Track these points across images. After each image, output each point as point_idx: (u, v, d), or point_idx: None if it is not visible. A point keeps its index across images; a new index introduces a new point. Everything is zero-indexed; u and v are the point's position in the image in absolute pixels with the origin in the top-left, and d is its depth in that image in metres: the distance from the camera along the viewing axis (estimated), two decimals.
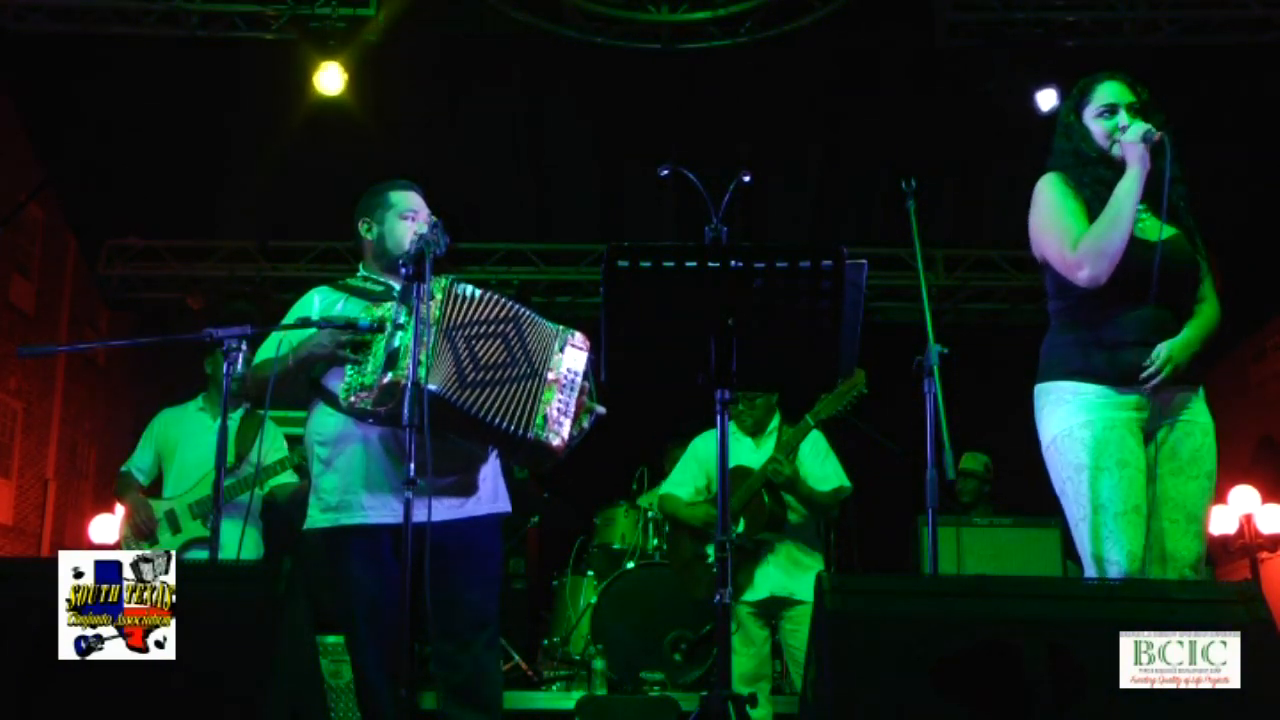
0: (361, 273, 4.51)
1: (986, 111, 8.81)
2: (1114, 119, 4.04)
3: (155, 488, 6.49)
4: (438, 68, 9.56)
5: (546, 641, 7.80)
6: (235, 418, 6.35)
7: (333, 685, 6.29)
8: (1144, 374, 3.84)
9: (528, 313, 4.17)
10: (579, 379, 4.16)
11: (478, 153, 10.14)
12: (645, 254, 3.36)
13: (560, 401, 4.08)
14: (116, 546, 6.31)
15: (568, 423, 4.09)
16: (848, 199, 10.64)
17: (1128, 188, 3.87)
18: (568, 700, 6.72)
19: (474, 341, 4.00)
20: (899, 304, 10.72)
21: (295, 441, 6.23)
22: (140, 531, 6.18)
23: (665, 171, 4.38)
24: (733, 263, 3.38)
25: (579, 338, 4.22)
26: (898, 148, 9.82)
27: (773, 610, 6.07)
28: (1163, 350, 3.85)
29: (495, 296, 4.14)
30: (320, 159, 9.55)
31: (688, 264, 3.37)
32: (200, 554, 5.99)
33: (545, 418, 4.02)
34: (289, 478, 6.32)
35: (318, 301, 4.40)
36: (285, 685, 3.08)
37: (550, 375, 4.08)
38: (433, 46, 9.29)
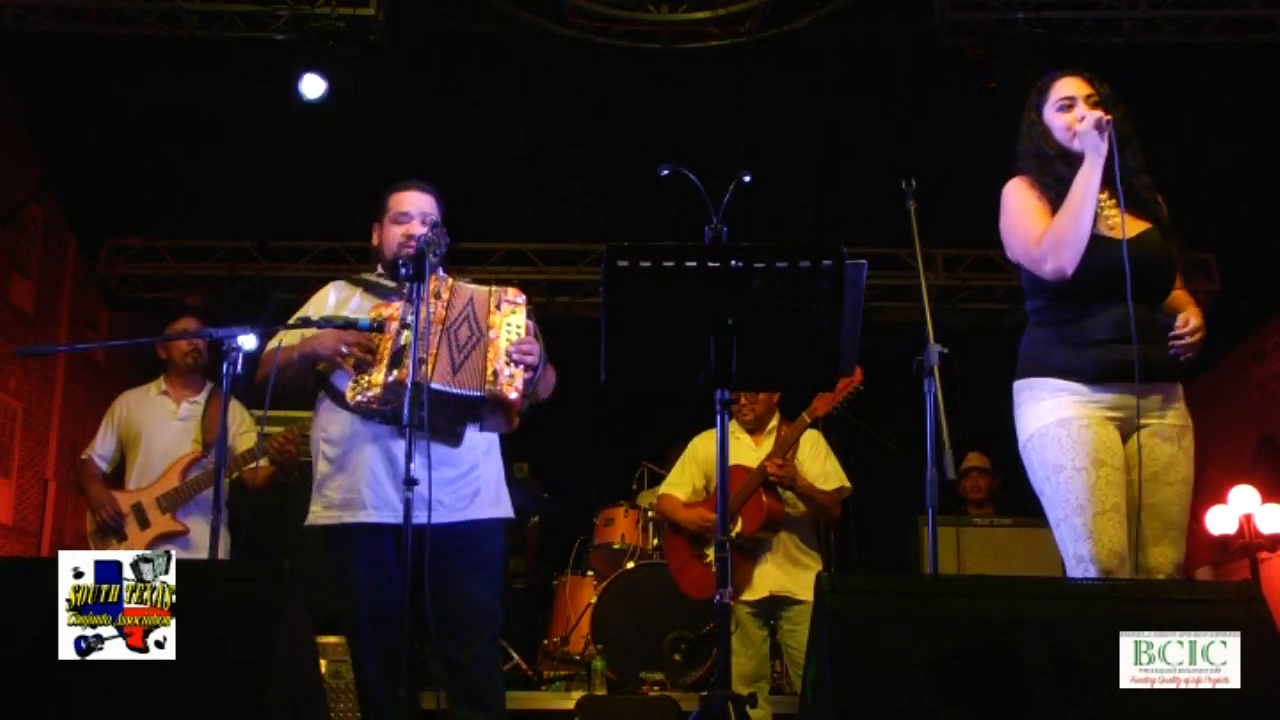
0: (378, 270, 4.57)
1: (987, 111, 8.81)
2: (1072, 112, 4.07)
3: (117, 475, 6.27)
4: (438, 67, 9.56)
5: (546, 641, 7.80)
6: (201, 402, 6.22)
7: (333, 685, 6.29)
8: (1176, 340, 3.89)
9: (471, 286, 4.21)
10: (520, 330, 4.16)
11: (477, 152, 10.14)
12: (645, 254, 3.36)
13: (506, 353, 4.09)
14: (85, 545, 6.07)
15: (519, 374, 4.08)
16: (848, 199, 10.63)
17: (1084, 176, 3.91)
18: (568, 700, 6.72)
19: (456, 330, 4.04)
20: (899, 304, 10.71)
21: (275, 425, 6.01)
22: (108, 526, 5.96)
23: (665, 171, 4.38)
24: (733, 263, 3.38)
25: (512, 293, 4.24)
26: (898, 147, 9.82)
27: (772, 610, 6.07)
28: (1192, 320, 3.92)
29: (470, 288, 4.18)
30: (320, 159, 9.55)
31: (688, 264, 3.38)
32: (168, 547, 5.84)
33: (495, 373, 4.03)
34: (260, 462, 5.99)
35: (333, 296, 4.47)
36: (285, 685, 3.08)
37: (491, 333, 4.09)
38: (433, 46, 9.28)
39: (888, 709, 2.97)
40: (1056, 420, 3.90)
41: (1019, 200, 4.11)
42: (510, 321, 4.13)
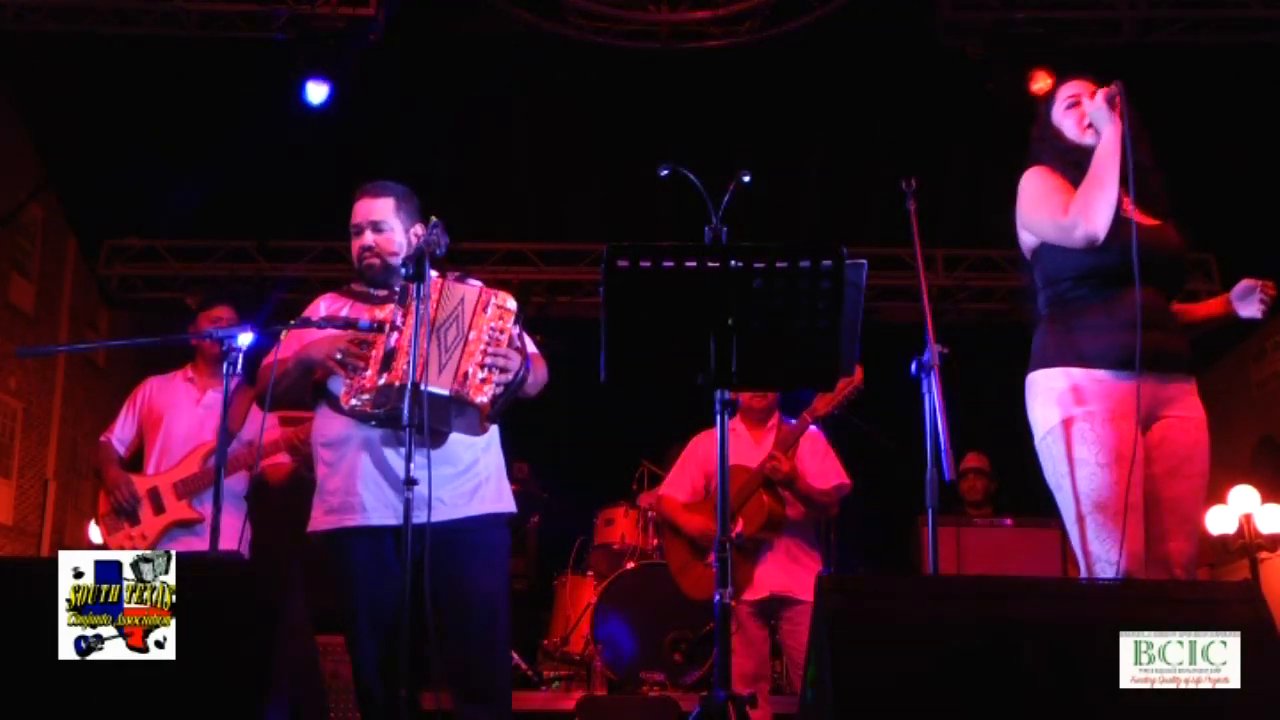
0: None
1: (987, 111, 8.82)
2: (1080, 106, 4.11)
3: (135, 463, 6.12)
4: (438, 67, 9.56)
5: (546, 641, 7.80)
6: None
7: (333, 685, 6.28)
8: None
9: (464, 287, 4.17)
10: (502, 336, 4.11)
11: (478, 152, 10.15)
12: (645, 254, 3.36)
13: (480, 358, 4.02)
14: (100, 545, 5.94)
15: (491, 379, 4.04)
16: (848, 199, 10.64)
17: (1105, 147, 3.92)
18: (568, 700, 6.72)
19: (446, 330, 4.02)
20: (899, 304, 10.72)
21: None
22: (122, 509, 5.83)
23: (665, 171, 4.37)
24: (733, 263, 3.38)
25: (503, 297, 4.18)
26: (898, 147, 9.82)
27: (772, 610, 6.07)
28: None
29: (464, 288, 4.15)
30: (320, 158, 9.56)
31: (688, 264, 3.37)
32: (183, 536, 5.76)
33: (466, 375, 3.99)
34: (282, 458, 5.99)
35: (323, 307, 4.44)
36: (285, 685, 3.08)
37: (472, 335, 4.05)
38: (432, 46, 9.29)
39: (888, 709, 2.97)
40: (1079, 413, 3.84)
41: (1041, 182, 4.08)
42: (494, 325, 4.11)
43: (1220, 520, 9.94)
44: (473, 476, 4.26)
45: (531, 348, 4.36)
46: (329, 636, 6.10)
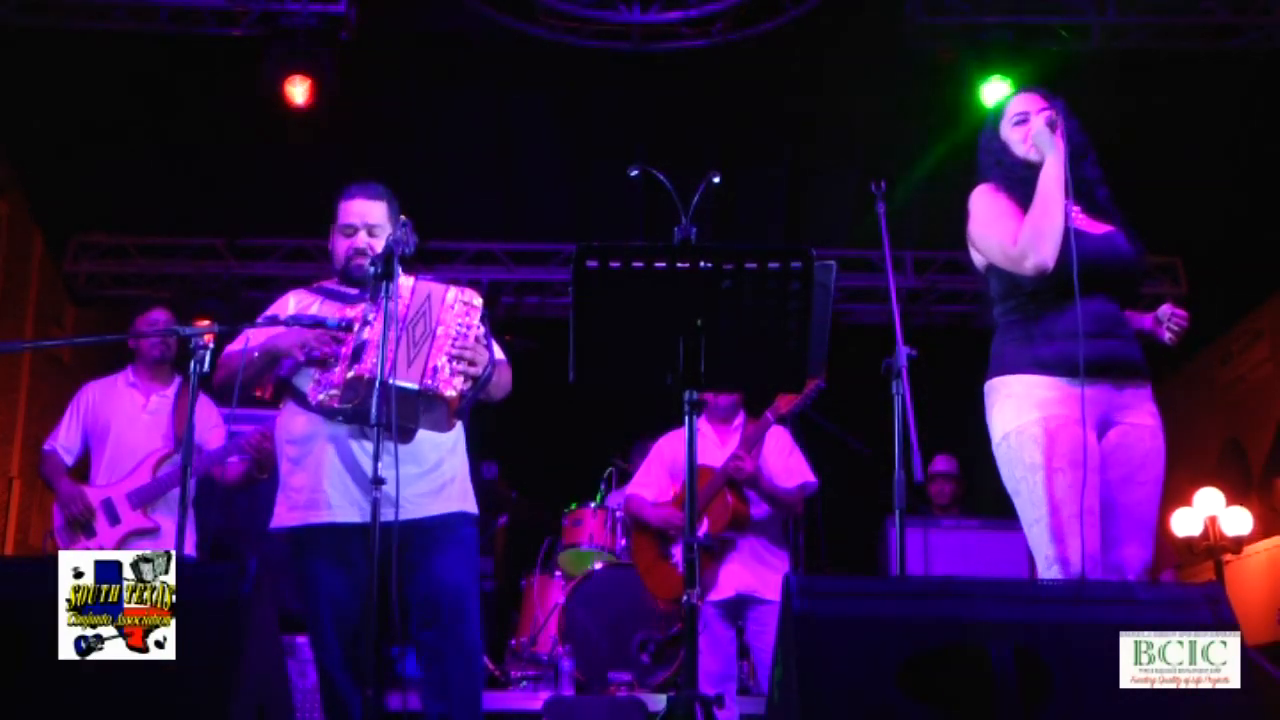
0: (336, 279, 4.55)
1: (956, 114, 8.84)
2: (1027, 125, 4.19)
3: (81, 470, 6.11)
4: (407, 66, 9.53)
5: (514, 642, 7.79)
6: (170, 396, 6.07)
7: (299, 686, 6.25)
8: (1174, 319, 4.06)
9: (431, 284, 4.19)
10: (469, 332, 4.12)
11: (446, 152, 10.11)
12: (614, 254, 3.36)
13: (448, 352, 4.04)
14: (48, 548, 5.86)
15: (459, 373, 4.05)
16: (818, 200, 10.65)
17: (1049, 171, 3.98)
18: (535, 700, 6.71)
19: (414, 326, 4.02)
20: (868, 306, 10.74)
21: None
22: (78, 522, 5.78)
23: (635, 172, 4.38)
24: (702, 264, 3.39)
25: (469, 293, 4.20)
26: (867, 149, 9.84)
27: (739, 610, 6.08)
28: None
29: (431, 285, 4.15)
30: (289, 156, 9.50)
31: (657, 265, 3.38)
32: (139, 544, 5.67)
33: (435, 369, 3.99)
34: (232, 459, 5.94)
35: (292, 303, 4.43)
36: (251, 686, 3.07)
37: (439, 330, 4.06)
38: (402, 44, 9.25)
39: (854, 710, 2.97)
40: (1032, 420, 3.90)
41: (988, 205, 4.16)
42: (460, 321, 4.11)
43: (1185, 522, 9.99)
44: (439, 476, 4.26)
45: (498, 353, 4.36)
46: (294, 636, 6.08)
